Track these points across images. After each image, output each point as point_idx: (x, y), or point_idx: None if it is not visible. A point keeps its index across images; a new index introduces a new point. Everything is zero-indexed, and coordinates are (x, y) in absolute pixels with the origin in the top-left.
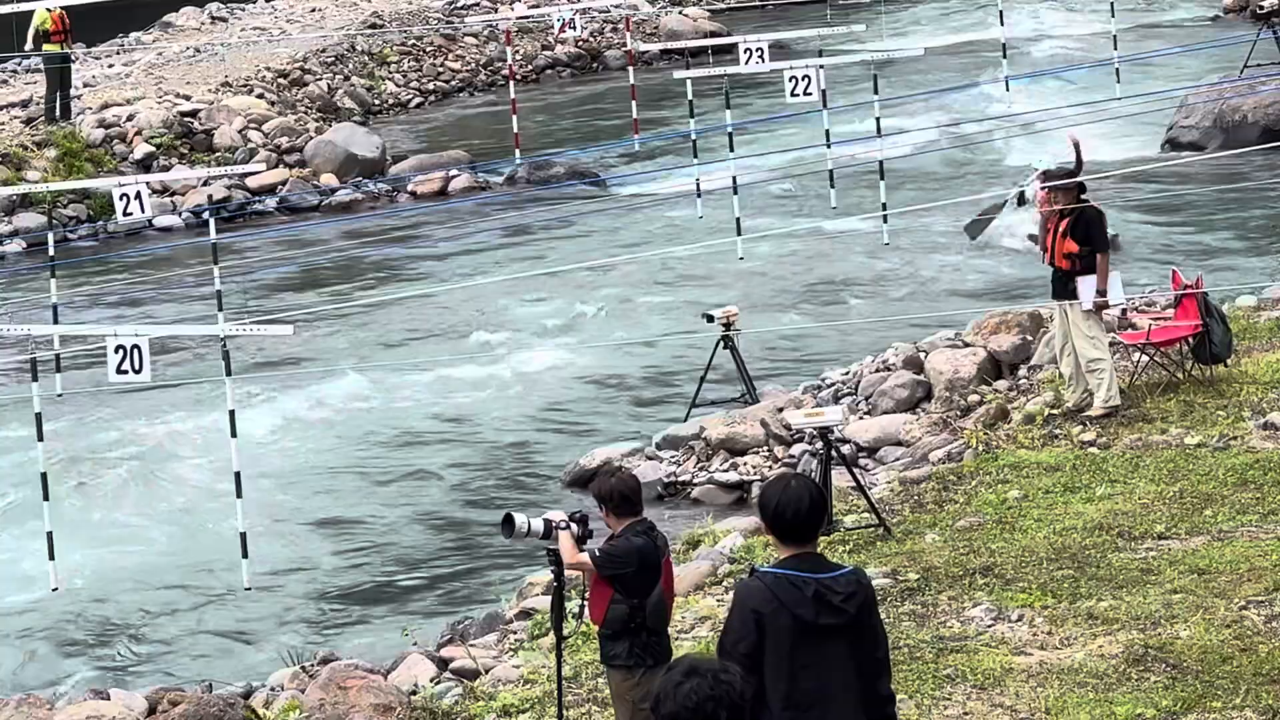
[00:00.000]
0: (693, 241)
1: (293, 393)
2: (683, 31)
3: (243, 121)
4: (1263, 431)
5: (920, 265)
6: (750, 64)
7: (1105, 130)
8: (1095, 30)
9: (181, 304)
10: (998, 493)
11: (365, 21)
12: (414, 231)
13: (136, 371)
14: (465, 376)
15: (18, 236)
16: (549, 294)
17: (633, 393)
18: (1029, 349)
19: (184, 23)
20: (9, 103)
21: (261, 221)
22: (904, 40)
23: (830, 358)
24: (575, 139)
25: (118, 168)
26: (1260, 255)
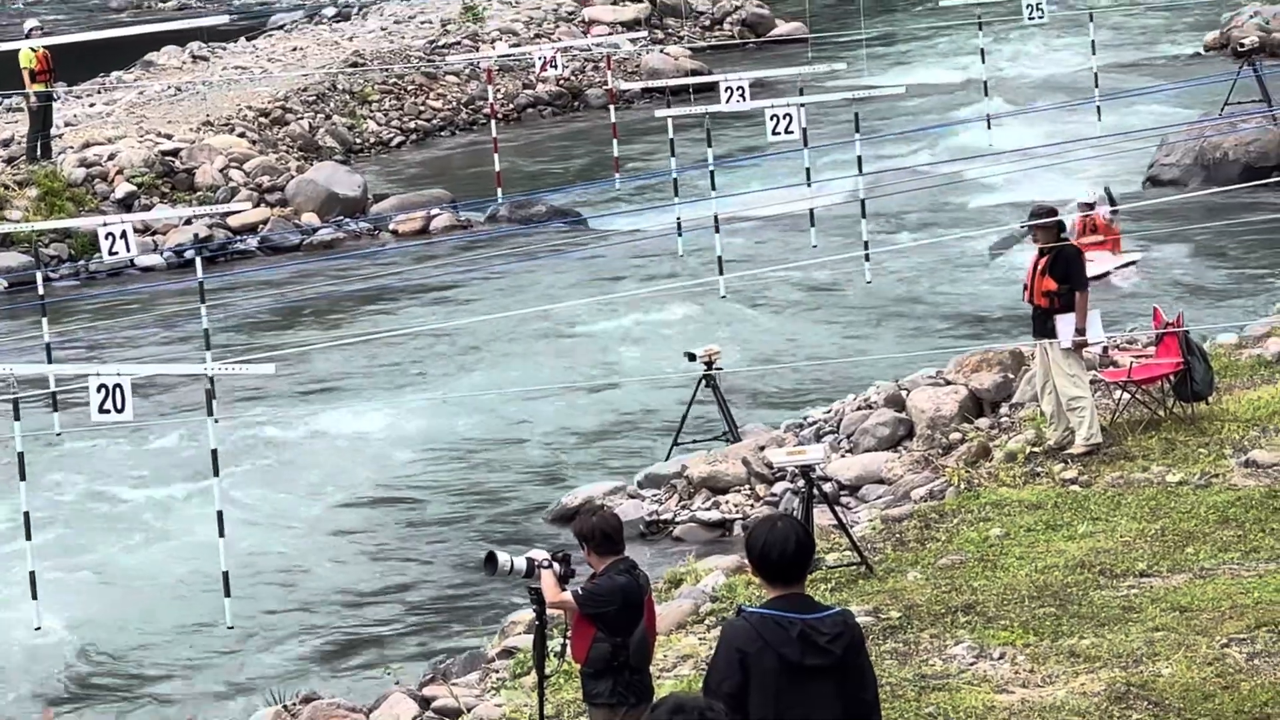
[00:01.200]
0: (674, 279)
1: (275, 432)
2: (664, 70)
3: (224, 160)
4: (1244, 469)
5: (902, 303)
6: (731, 102)
7: (1086, 168)
8: (1077, 68)
9: (164, 343)
10: (979, 531)
11: (347, 60)
12: (396, 270)
13: (119, 411)
14: (446, 415)
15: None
16: (531, 332)
17: (615, 431)
18: (1010, 387)
19: (165, 61)
20: None
21: (243, 260)
22: (885, 78)
23: (812, 396)
24: (557, 178)
25: (99, 207)
26: (1241, 293)
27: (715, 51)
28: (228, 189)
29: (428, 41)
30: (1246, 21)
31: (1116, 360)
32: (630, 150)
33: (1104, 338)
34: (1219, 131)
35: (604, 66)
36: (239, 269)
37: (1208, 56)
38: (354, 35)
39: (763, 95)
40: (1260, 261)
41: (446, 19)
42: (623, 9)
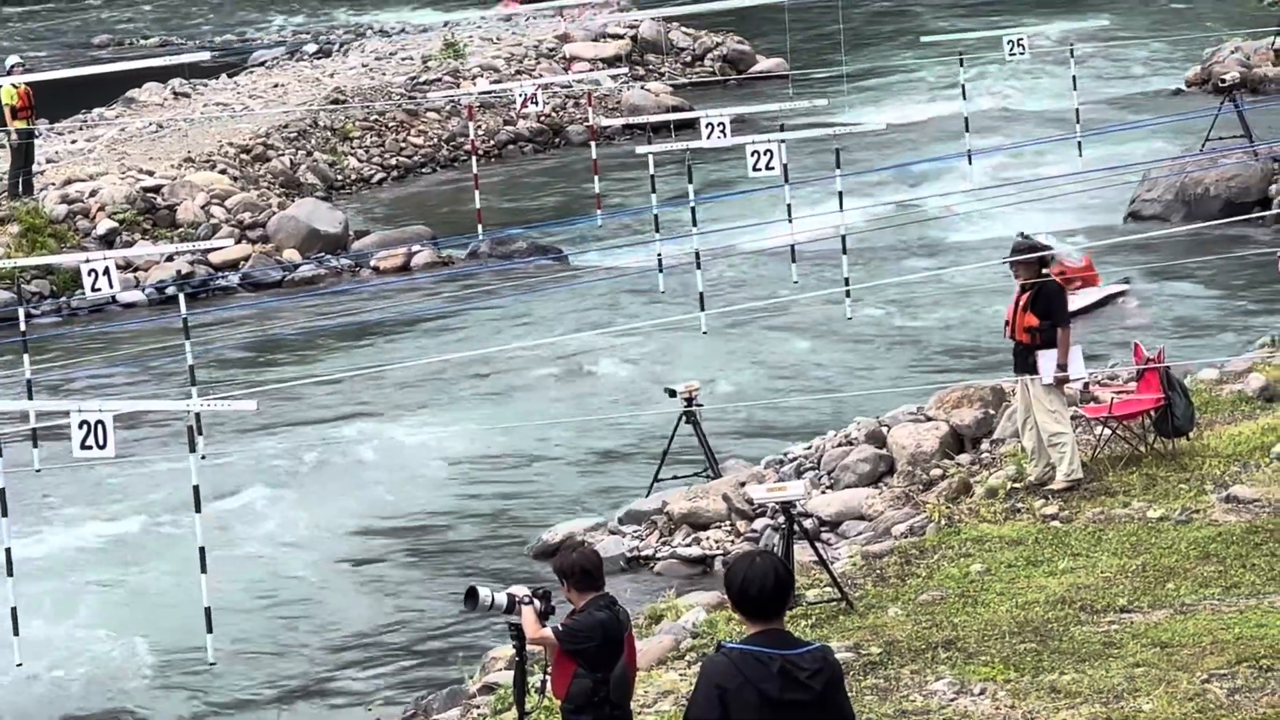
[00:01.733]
0: (655, 316)
1: (257, 468)
2: (645, 106)
3: (205, 197)
4: (1225, 505)
5: (883, 340)
6: (712, 138)
7: (1068, 203)
8: (1058, 104)
9: (147, 379)
10: (960, 566)
11: (328, 97)
12: (376, 306)
13: (101, 447)
14: (428, 450)
15: None
16: (510, 369)
17: (595, 467)
18: (991, 423)
19: (147, 98)
20: None
21: (225, 297)
22: (867, 114)
23: (792, 432)
24: (538, 214)
25: (81, 243)
26: (1223, 329)
27: (696, 88)
28: (209, 225)
29: (409, 78)
30: (1227, 57)
31: (1097, 396)
32: (611, 186)
33: (1085, 374)
34: (1200, 167)
35: (585, 103)
36: (221, 305)
37: (1189, 92)
38: (335, 72)
39: (744, 131)
40: (1241, 297)
41: (428, 55)
42: (604, 46)
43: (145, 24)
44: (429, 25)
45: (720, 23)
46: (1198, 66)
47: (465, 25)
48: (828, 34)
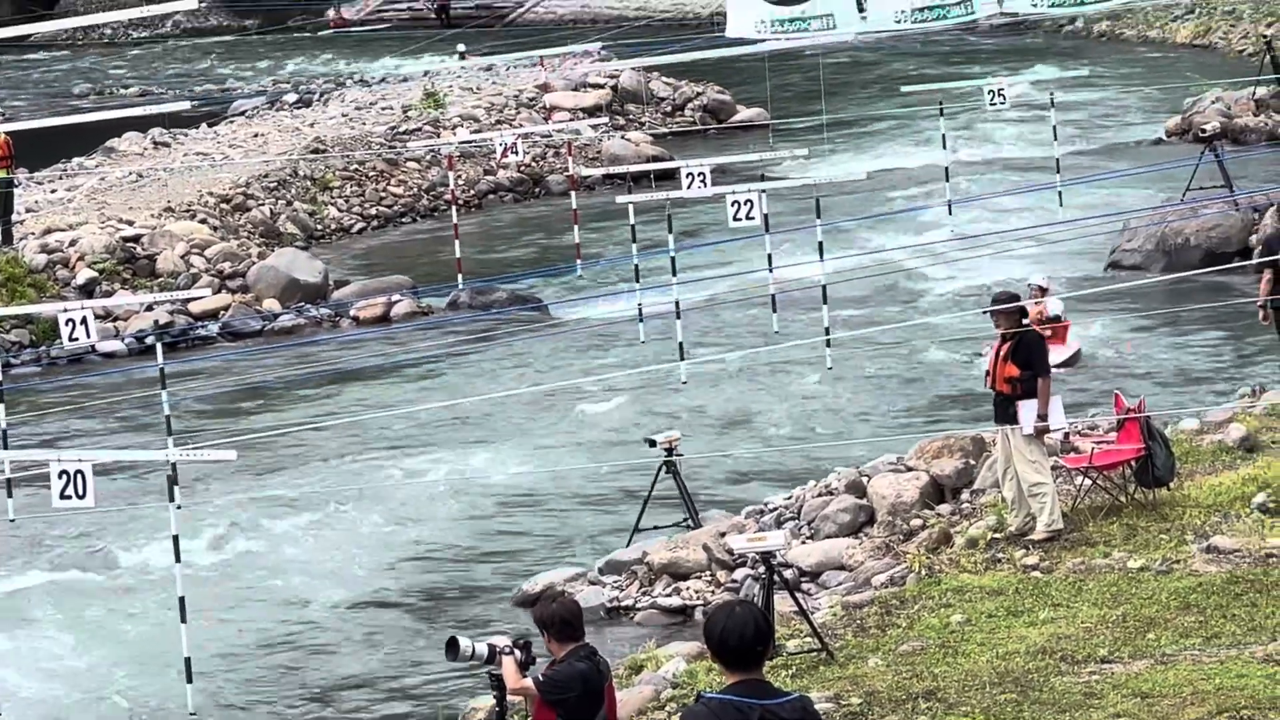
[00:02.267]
0: (635, 365)
1: (236, 517)
2: (625, 156)
3: (185, 247)
4: (1205, 555)
5: (863, 390)
6: (692, 188)
7: (1049, 253)
8: (1039, 153)
9: (127, 429)
10: (940, 617)
11: (308, 147)
12: (356, 356)
13: (80, 497)
14: (409, 500)
15: None
16: (492, 419)
17: (575, 517)
18: (971, 473)
19: (126, 148)
20: None
21: (205, 347)
22: (847, 164)
23: (772, 482)
24: (518, 264)
25: (60, 293)
26: (1203, 379)
27: (677, 137)
28: (189, 275)
29: (389, 128)
30: (1208, 107)
31: (1078, 446)
32: (591, 236)
33: (1065, 424)
34: (1181, 217)
35: (565, 153)
36: (201, 355)
37: (1170, 142)
38: (315, 121)
39: (724, 181)
40: (1221, 347)
41: (408, 105)
42: (584, 95)
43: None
44: (409, 75)
45: (700, 72)
46: (1178, 116)
47: (445, 75)
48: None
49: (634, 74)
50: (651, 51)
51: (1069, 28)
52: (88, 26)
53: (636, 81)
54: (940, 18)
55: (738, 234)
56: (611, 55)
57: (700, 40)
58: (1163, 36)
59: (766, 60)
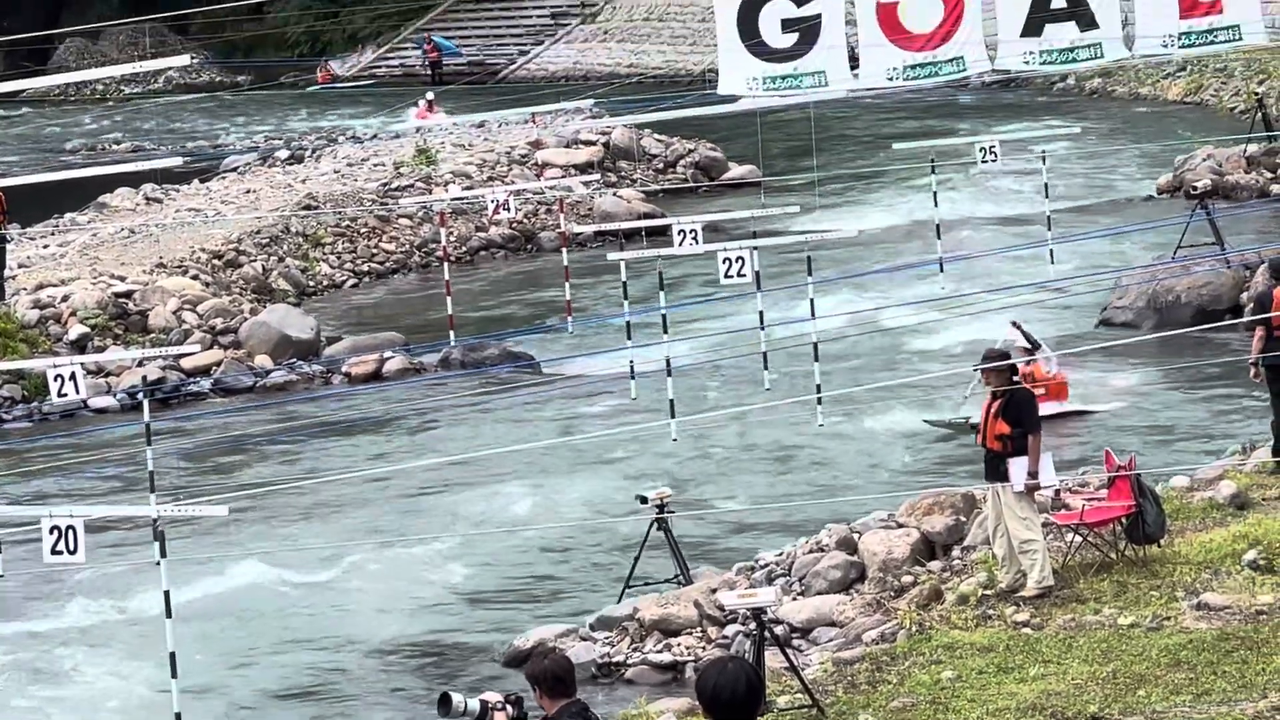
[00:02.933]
0: (626, 422)
1: (226, 574)
2: (617, 213)
3: (177, 302)
4: (1196, 612)
5: (853, 447)
6: (684, 245)
7: (1040, 310)
8: (1030, 210)
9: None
10: (931, 673)
11: (300, 203)
12: (348, 412)
13: (72, 552)
14: (399, 557)
15: None
16: (483, 476)
17: (566, 573)
18: (962, 530)
19: (119, 203)
20: None
21: (196, 402)
22: (838, 221)
23: (763, 538)
24: (510, 320)
25: (52, 348)
26: (1193, 436)
27: (668, 194)
28: (181, 331)
29: (381, 184)
30: (1199, 164)
31: (1069, 503)
32: (583, 293)
33: (1056, 481)
34: (1172, 274)
35: (557, 209)
36: (192, 411)
37: (1161, 199)
38: (307, 178)
39: (716, 238)
40: (1212, 405)
41: (399, 162)
42: (576, 152)
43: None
44: (401, 131)
45: (692, 129)
46: (1170, 173)
47: (437, 131)
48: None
49: (626, 131)
50: (643, 109)
51: (1060, 85)
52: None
53: (628, 138)
54: (932, 75)
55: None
56: (603, 112)
57: (692, 97)
58: (1154, 93)
59: (759, 117)
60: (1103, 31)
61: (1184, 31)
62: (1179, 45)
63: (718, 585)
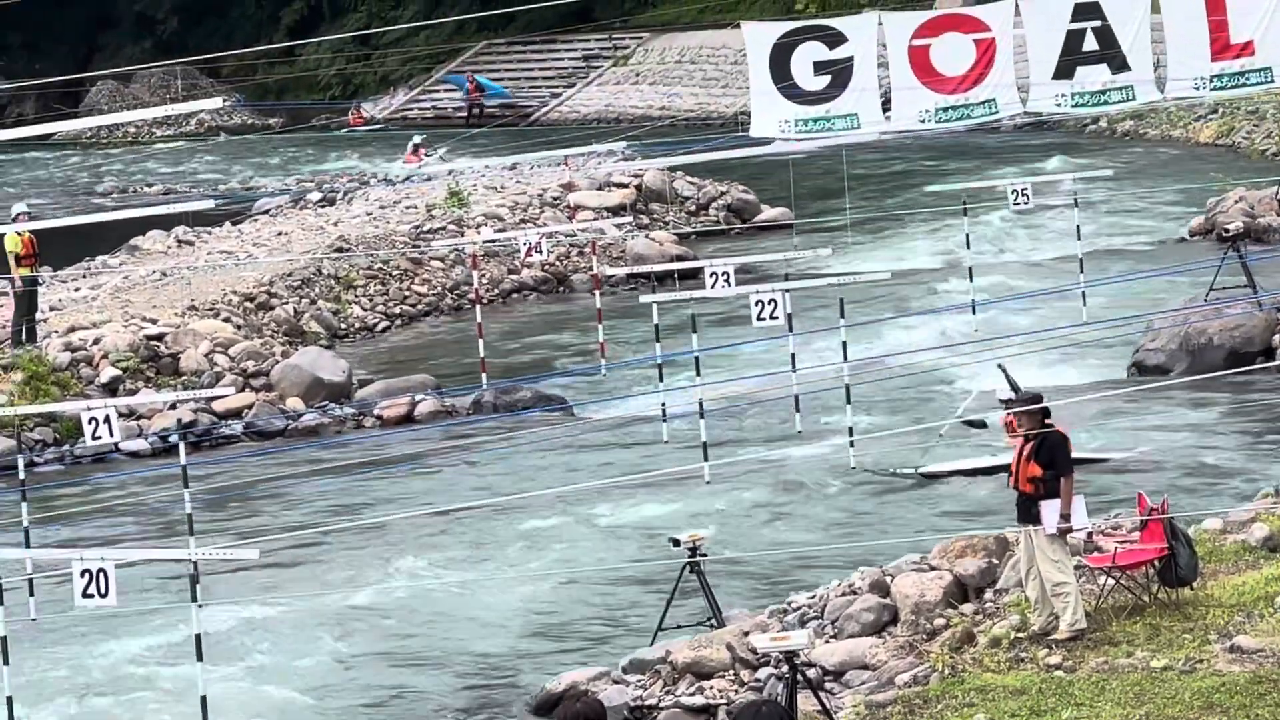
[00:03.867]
0: (659, 465)
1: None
2: (649, 255)
3: (209, 345)
4: (1229, 654)
5: (886, 490)
6: (716, 288)
7: (1072, 354)
8: (1062, 252)
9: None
10: (963, 716)
11: (331, 245)
12: (379, 456)
13: (103, 596)
14: (429, 599)
15: None
16: (512, 519)
17: (599, 616)
18: (995, 572)
19: (150, 246)
20: None
21: (228, 445)
22: (871, 262)
23: (796, 581)
24: (542, 363)
25: (84, 391)
26: (1226, 479)
27: (701, 237)
28: (212, 374)
29: (413, 226)
30: (1231, 206)
31: (1101, 546)
32: (615, 335)
33: (1088, 524)
34: (1204, 317)
35: (589, 251)
36: (224, 454)
37: (1193, 241)
38: (339, 220)
39: (748, 280)
40: (1245, 447)
41: (431, 204)
42: (608, 194)
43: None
44: (433, 174)
45: (725, 172)
46: (1202, 215)
47: (469, 174)
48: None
49: (658, 173)
50: (675, 151)
51: (1092, 127)
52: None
53: (661, 181)
54: (964, 117)
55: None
56: (636, 155)
57: (724, 140)
58: (1186, 136)
59: (790, 160)
60: (1134, 74)
61: (1215, 74)
62: (1211, 87)
63: (750, 628)
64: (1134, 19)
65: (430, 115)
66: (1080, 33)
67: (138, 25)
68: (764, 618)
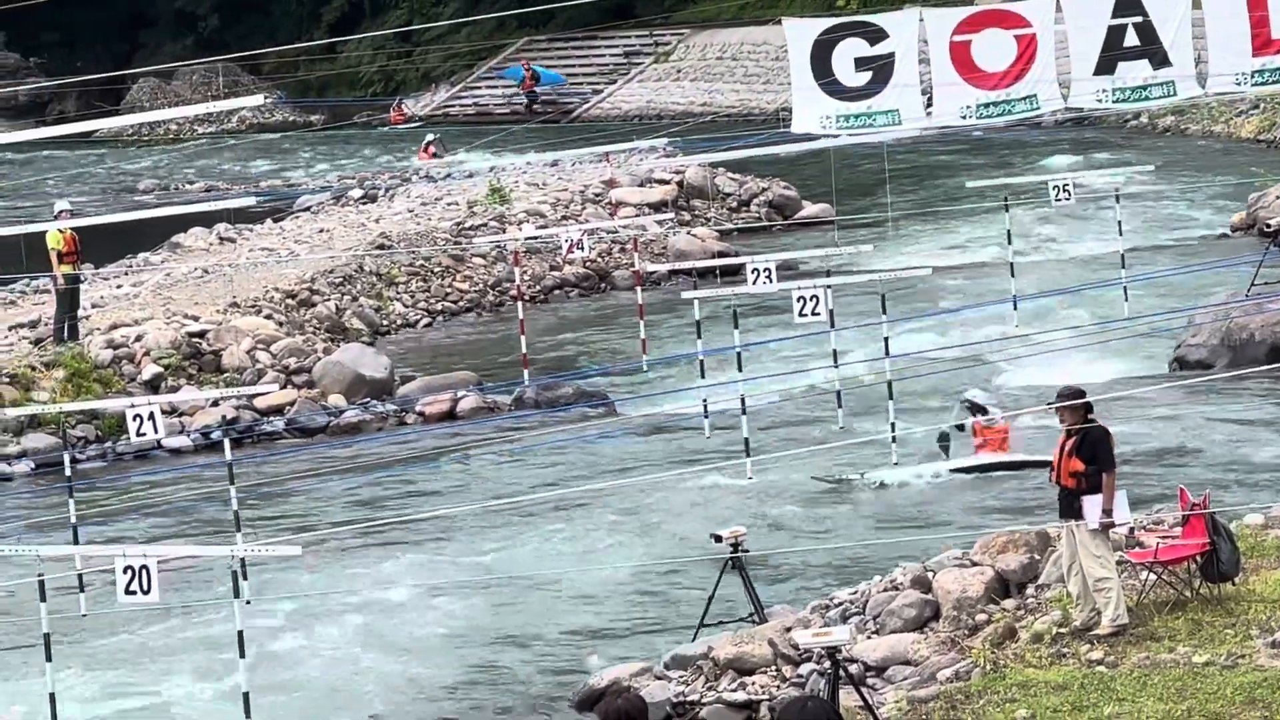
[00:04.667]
0: (701, 461)
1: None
2: (691, 251)
3: (251, 342)
4: (1271, 649)
5: (927, 485)
6: (758, 284)
7: (1113, 349)
8: (1103, 249)
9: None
10: (1005, 711)
11: (373, 242)
12: (422, 450)
13: (145, 592)
14: (471, 594)
15: (26, 457)
16: (557, 514)
17: (640, 612)
18: (1037, 568)
19: (192, 243)
20: (18, 323)
21: (270, 442)
22: (912, 259)
23: (838, 577)
24: (584, 359)
25: (126, 388)
26: (1269, 474)
27: (742, 233)
28: (254, 370)
29: (454, 223)
30: (1273, 201)
31: (1143, 541)
32: (657, 332)
33: (1130, 518)
34: (1246, 312)
35: (631, 248)
36: (267, 450)
37: (1235, 236)
38: (380, 217)
39: (789, 277)
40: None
41: (473, 201)
42: (649, 191)
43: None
44: (475, 170)
45: (766, 168)
46: (1243, 210)
47: (510, 171)
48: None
49: (700, 170)
50: (717, 147)
51: (1133, 122)
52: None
53: (702, 177)
54: (1005, 113)
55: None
56: (677, 151)
57: (766, 136)
58: (1227, 131)
59: (832, 156)
60: (1176, 69)
61: (1257, 69)
62: (1252, 83)
63: (792, 624)
64: (1175, 15)
65: (472, 112)
66: (1121, 28)
67: (177, 23)
68: (806, 613)
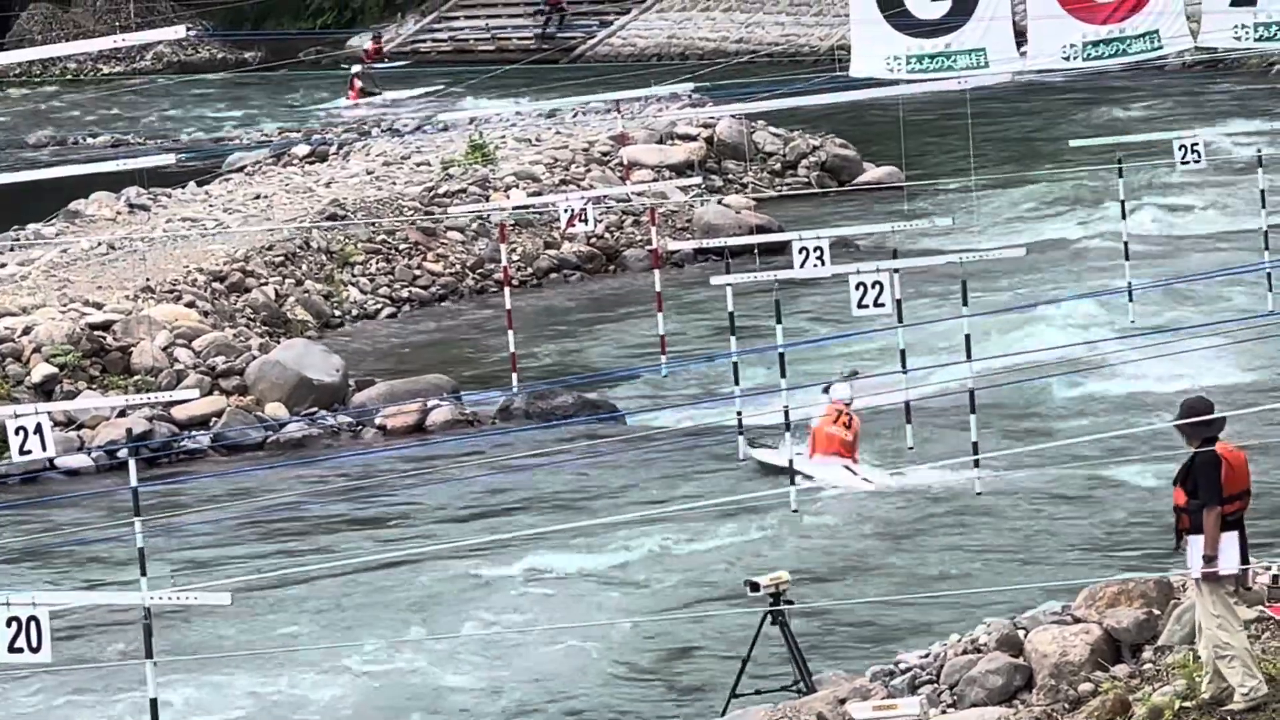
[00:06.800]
0: (734, 490)
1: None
2: (722, 226)
3: (168, 336)
4: None
5: (1019, 521)
6: (807, 267)
7: (1250, 350)
8: (1241, 225)
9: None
10: None
11: (323, 212)
12: (384, 475)
13: (34, 650)
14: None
15: None
16: (551, 555)
17: (663, 676)
18: (1155, 625)
19: (95, 212)
20: None
21: (192, 463)
22: (1001, 236)
23: (905, 636)
24: (587, 361)
25: (11, 393)
26: None
27: (787, 202)
28: (172, 372)
29: (425, 189)
30: None
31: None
32: (680, 326)
33: (1238, 566)
34: None
35: (647, 221)
36: (187, 473)
37: None
38: (332, 180)
39: (846, 258)
40: None
41: (448, 160)
42: (671, 149)
43: (94, 119)
44: (451, 122)
45: (817, 121)
46: None
47: (496, 123)
48: (952, 135)
49: (734, 123)
50: (756, 95)
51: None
52: (47, 59)
53: (737, 132)
54: (1119, 53)
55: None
56: (706, 99)
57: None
58: None
59: (901, 107)
60: None
61: None
62: None
63: (847, 694)
64: None
65: (448, 48)
66: None
67: None
68: (864, 681)
